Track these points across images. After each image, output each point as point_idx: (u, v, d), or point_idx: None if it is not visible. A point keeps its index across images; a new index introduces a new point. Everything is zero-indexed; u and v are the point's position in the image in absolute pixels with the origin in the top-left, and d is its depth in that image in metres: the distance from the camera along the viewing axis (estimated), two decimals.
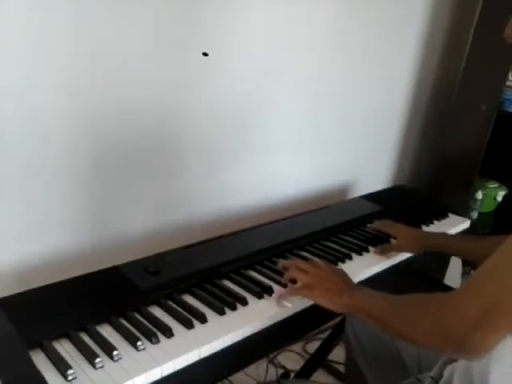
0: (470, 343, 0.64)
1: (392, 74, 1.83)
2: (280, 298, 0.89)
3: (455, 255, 1.19)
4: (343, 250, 1.13)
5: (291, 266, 0.94)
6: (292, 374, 1.61)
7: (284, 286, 0.93)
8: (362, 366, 1.13)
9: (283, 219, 1.26)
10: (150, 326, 0.78)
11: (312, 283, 0.88)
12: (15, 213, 1.00)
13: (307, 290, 0.88)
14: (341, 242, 1.18)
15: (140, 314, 0.81)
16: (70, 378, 0.66)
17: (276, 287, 0.93)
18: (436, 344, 0.71)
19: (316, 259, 1.04)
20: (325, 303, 0.86)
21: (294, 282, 0.91)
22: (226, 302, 0.86)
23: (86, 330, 0.76)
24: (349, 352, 1.21)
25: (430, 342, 0.71)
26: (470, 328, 0.63)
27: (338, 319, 1.31)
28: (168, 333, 0.76)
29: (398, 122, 1.98)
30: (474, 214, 1.96)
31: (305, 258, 1.07)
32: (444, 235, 1.21)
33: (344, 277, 0.91)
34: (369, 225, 1.29)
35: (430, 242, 1.15)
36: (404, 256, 1.16)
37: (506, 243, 0.64)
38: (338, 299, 0.85)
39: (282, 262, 0.98)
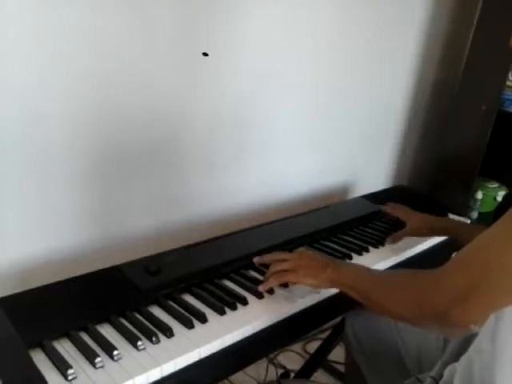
0: (453, 317, 0.65)
1: (392, 73, 1.84)
2: (266, 287, 0.89)
3: (462, 242, 1.19)
4: (343, 249, 1.13)
5: (270, 260, 0.94)
6: (292, 374, 1.61)
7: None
8: (362, 366, 1.13)
9: (283, 219, 1.25)
10: (151, 326, 0.78)
11: (295, 266, 0.88)
12: (15, 213, 1.00)
13: (292, 274, 0.88)
14: (341, 242, 1.18)
15: (140, 314, 0.81)
16: (70, 377, 0.66)
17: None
18: (419, 318, 0.72)
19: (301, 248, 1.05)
20: (311, 281, 0.87)
21: None
22: (226, 302, 0.86)
23: (86, 330, 0.76)
24: (349, 352, 1.20)
25: (413, 316, 0.73)
26: (453, 302, 0.64)
27: (338, 319, 1.31)
28: (168, 332, 0.76)
29: (398, 122, 1.98)
30: (474, 214, 1.96)
31: None
32: (452, 221, 1.25)
33: (325, 255, 0.94)
34: (382, 207, 1.32)
35: (439, 225, 1.17)
36: (403, 257, 1.16)
37: (496, 222, 0.65)
38: (322, 274, 0.85)
39: (256, 259, 0.98)
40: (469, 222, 1.47)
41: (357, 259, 1.10)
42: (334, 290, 0.91)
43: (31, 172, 0.99)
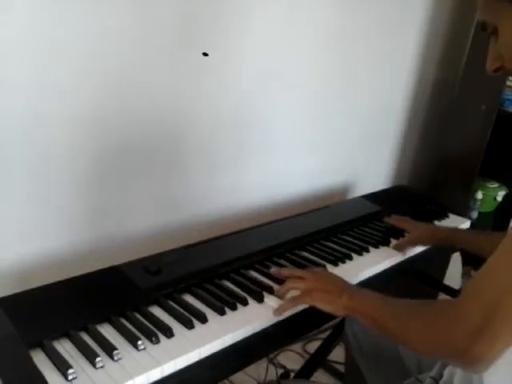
0: (474, 353, 0.61)
1: (392, 73, 1.84)
2: (281, 311, 0.86)
3: (467, 250, 1.16)
4: (343, 249, 1.13)
5: (287, 276, 0.92)
6: (292, 374, 1.61)
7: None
8: (362, 366, 1.13)
9: (283, 219, 1.25)
10: (151, 326, 0.77)
11: (311, 288, 0.86)
12: (15, 213, 1.00)
13: (307, 296, 0.85)
14: (341, 242, 1.18)
15: (140, 314, 0.81)
16: (70, 377, 0.66)
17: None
18: (439, 353, 0.70)
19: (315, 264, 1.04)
20: (325, 306, 0.84)
21: None
22: (226, 302, 0.85)
23: (86, 330, 0.76)
24: (349, 352, 1.21)
25: (433, 351, 0.71)
26: (472, 336, 0.61)
27: (338, 319, 1.31)
28: (168, 332, 0.76)
29: (398, 122, 1.98)
30: (474, 214, 1.96)
31: (305, 258, 1.07)
32: (456, 229, 1.24)
33: (341, 279, 0.89)
34: (385, 218, 1.31)
35: (443, 234, 1.17)
36: (403, 257, 1.17)
37: (501, 245, 0.63)
38: (337, 300, 0.83)
39: (274, 269, 0.96)
40: (469, 222, 1.47)
41: (357, 259, 1.11)
42: None
43: (31, 172, 0.99)
